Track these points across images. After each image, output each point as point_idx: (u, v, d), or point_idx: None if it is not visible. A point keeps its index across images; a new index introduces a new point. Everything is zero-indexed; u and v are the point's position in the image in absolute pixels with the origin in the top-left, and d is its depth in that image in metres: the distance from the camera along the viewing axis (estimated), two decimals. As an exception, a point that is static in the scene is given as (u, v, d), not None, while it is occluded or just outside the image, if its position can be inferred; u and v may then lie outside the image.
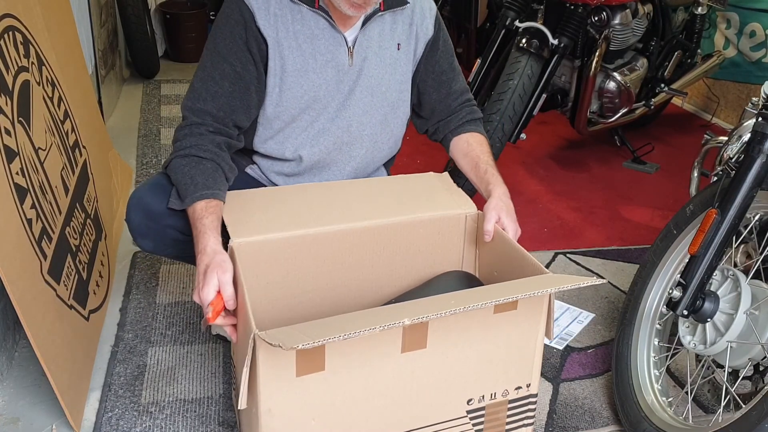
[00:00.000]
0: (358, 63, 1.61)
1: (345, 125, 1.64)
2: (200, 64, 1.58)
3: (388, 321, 1.11)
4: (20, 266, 1.46)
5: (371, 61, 1.62)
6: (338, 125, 1.63)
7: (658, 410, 1.60)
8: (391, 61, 1.65)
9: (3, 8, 1.67)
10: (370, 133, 1.68)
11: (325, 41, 1.57)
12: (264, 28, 1.52)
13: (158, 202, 1.52)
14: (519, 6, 2.76)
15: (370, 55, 1.62)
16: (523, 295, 1.24)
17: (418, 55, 1.69)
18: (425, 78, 1.72)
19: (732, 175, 1.49)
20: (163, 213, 1.51)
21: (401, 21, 1.65)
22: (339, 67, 1.59)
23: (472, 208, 1.61)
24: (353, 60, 1.60)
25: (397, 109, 1.70)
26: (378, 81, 1.64)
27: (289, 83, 1.57)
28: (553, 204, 2.86)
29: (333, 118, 1.62)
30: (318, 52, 1.57)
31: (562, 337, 2.03)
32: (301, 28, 1.55)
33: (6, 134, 1.51)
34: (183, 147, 1.52)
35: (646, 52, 3.12)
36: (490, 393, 1.42)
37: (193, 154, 1.50)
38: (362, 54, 1.61)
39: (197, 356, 1.86)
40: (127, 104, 3.73)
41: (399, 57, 1.66)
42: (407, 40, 1.67)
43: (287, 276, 1.49)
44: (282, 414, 1.23)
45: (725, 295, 1.52)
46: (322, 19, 1.56)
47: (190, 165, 1.49)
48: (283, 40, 1.54)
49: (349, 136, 1.65)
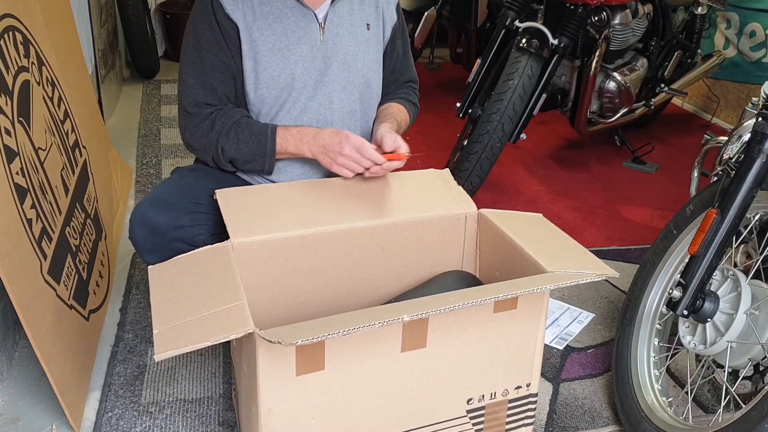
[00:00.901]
0: (330, 39, 1.63)
1: (326, 102, 1.65)
2: (186, 59, 1.61)
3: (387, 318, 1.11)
4: (20, 266, 1.46)
5: (344, 37, 1.65)
6: (319, 102, 1.65)
7: (658, 410, 1.60)
8: (362, 39, 1.68)
9: (3, 8, 1.67)
10: (350, 110, 1.70)
11: (294, 18, 1.60)
12: (232, 12, 1.56)
13: (162, 217, 1.52)
14: (519, 6, 2.76)
15: (341, 32, 1.65)
16: (523, 291, 1.24)
17: (386, 38, 1.74)
18: (386, 63, 1.78)
19: (732, 175, 1.49)
20: (169, 227, 1.52)
21: (368, 3, 1.70)
22: (312, 43, 1.62)
23: (472, 207, 1.60)
24: (325, 36, 1.62)
25: (371, 88, 1.73)
26: (353, 57, 1.67)
27: (264, 63, 1.59)
28: (553, 204, 2.86)
29: (312, 96, 1.64)
30: (289, 29, 1.59)
31: (562, 337, 2.03)
32: (269, 9, 1.58)
33: (6, 134, 1.52)
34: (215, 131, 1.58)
35: (646, 52, 3.13)
36: (490, 392, 1.42)
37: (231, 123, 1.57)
38: (333, 30, 1.64)
39: (197, 356, 1.86)
40: (127, 104, 3.73)
41: (369, 36, 1.70)
42: (375, 22, 1.71)
43: (287, 276, 1.49)
44: (282, 413, 1.23)
45: (725, 295, 1.52)
46: None
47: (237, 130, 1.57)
48: (252, 23, 1.57)
49: (331, 113, 1.67)
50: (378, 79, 1.75)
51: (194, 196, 1.57)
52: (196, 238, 1.52)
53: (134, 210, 1.56)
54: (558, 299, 2.21)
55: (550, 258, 1.38)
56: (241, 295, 1.20)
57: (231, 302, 1.19)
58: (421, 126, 1.74)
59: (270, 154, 1.58)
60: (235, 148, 1.58)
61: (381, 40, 1.73)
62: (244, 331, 1.11)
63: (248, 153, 1.59)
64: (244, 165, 1.63)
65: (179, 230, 1.52)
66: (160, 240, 1.52)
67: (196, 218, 1.55)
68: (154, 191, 1.61)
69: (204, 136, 1.60)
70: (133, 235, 1.55)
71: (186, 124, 1.62)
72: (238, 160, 1.61)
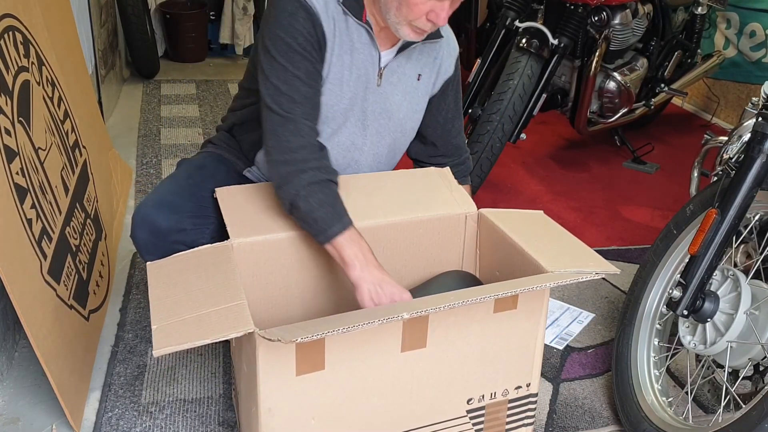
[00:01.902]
0: (385, 86, 1.60)
1: (359, 143, 1.63)
2: (272, 60, 1.46)
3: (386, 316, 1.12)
4: (20, 266, 1.46)
5: (396, 87, 1.62)
6: (352, 140, 1.62)
7: (658, 410, 1.60)
8: (410, 90, 1.65)
9: (3, 8, 1.67)
10: (376, 153, 1.67)
11: (362, 56, 1.55)
12: (327, 30, 1.49)
13: (164, 218, 1.51)
14: (519, 6, 2.76)
15: (395, 81, 1.62)
16: (523, 289, 1.24)
17: (435, 89, 1.70)
18: (434, 113, 1.73)
19: (732, 175, 1.49)
20: (170, 230, 1.51)
21: (428, 52, 1.65)
22: (367, 85, 1.58)
23: (472, 207, 1.61)
24: (382, 81, 1.59)
25: (405, 135, 1.71)
26: (397, 107, 1.64)
27: (326, 90, 1.54)
28: (553, 204, 2.86)
29: (348, 134, 1.61)
30: (354, 65, 1.55)
31: (562, 337, 2.03)
32: (347, 39, 1.53)
33: (6, 134, 1.52)
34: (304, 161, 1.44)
35: (646, 52, 3.13)
36: (490, 392, 1.42)
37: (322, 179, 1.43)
38: (389, 78, 1.60)
39: (197, 356, 1.86)
40: (127, 104, 3.73)
41: (418, 87, 1.66)
42: (429, 73, 1.67)
43: (288, 276, 1.49)
44: (282, 413, 1.23)
45: (725, 295, 1.52)
46: (365, 32, 1.54)
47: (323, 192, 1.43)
48: (334, 45, 1.51)
49: (360, 154, 1.64)
50: (415, 127, 1.72)
51: (200, 198, 1.56)
52: (199, 242, 1.51)
53: (137, 209, 1.55)
54: (558, 299, 2.21)
55: (550, 257, 1.38)
56: (241, 295, 1.20)
57: (231, 301, 1.19)
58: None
59: (325, 239, 1.41)
60: (308, 207, 1.42)
61: (429, 91, 1.69)
62: (244, 331, 1.11)
63: (311, 219, 1.42)
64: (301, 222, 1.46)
65: (181, 233, 1.51)
66: (161, 242, 1.52)
67: (199, 222, 1.54)
68: (159, 190, 1.59)
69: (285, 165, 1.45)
70: (134, 234, 1.54)
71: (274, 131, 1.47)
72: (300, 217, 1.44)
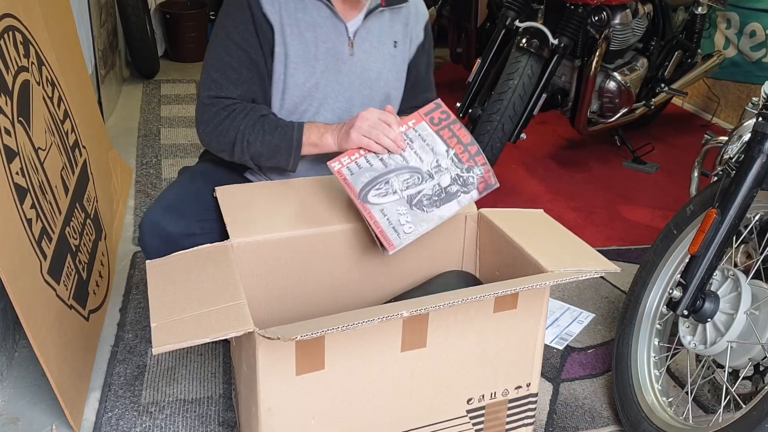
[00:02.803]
0: (358, 54, 1.63)
1: (346, 116, 1.64)
2: (212, 53, 1.59)
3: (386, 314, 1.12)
4: (20, 266, 1.46)
5: (371, 54, 1.65)
6: (338, 116, 1.64)
7: (658, 410, 1.60)
8: (388, 57, 1.68)
9: (3, 8, 1.67)
10: None
11: (326, 29, 1.59)
12: (270, 13, 1.55)
13: (173, 224, 1.51)
14: (519, 6, 2.76)
15: (369, 49, 1.64)
16: (522, 287, 1.24)
17: (410, 56, 1.73)
18: (407, 78, 1.76)
19: (732, 175, 1.49)
20: (181, 236, 1.50)
21: (398, 20, 1.68)
22: (339, 56, 1.61)
23: (472, 207, 1.60)
24: (354, 50, 1.62)
25: (390, 102, 1.71)
26: (377, 74, 1.66)
27: (292, 69, 1.58)
28: (553, 204, 2.86)
29: (333, 108, 1.64)
30: (320, 39, 1.59)
31: (562, 337, 2.03)
32: (303, 16, 1.57)
33: (6, 134, 1.52)
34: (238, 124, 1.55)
35: (646, 52, 3.12)
36: (490, 392, 1.42)
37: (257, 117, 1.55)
38: (362, 46, 1.63)
39: (197, 356, 1.86)
40: (127, 104, 3.73)
41: (396, 54, 1.69)
42: (403, 39, 1.70)
43: (287, 276, 1.49)
44: (282, 413, 1.23)
45: (725, 295, 1.52)
46: (324, 7, 1.58)
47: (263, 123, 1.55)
48: (287, 27, 1.56)
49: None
50: (399, 95, 1.74)
51: (205, 202, 1.57)
52: None
53: (145, 217, 1.55)
54: (558, 299, 2.21)
55: (550, 257, 1.38)
56: (241, 294, 1.20)
57: (231, 301, 1.19)
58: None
59: (296, 145, 1.55)
60: (261, 140, 1.55)
61: (406, 58, 1.73)
62: (244, 330, 1.11)
63: (274, 146, 1.56)
64: (269, 160, 1.59)
65: (191, 238, 1.50)
66: (171, 248, 1.51)
67: (207, 226, 1.54)
68: (165, 196, 1.60)
69: (222, 128, 1.56)
70: (143, 242, 1.54)
71: (202, 116, 1.59)
72: (263, 154, 1.58)
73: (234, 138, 1.56)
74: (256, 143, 1.56)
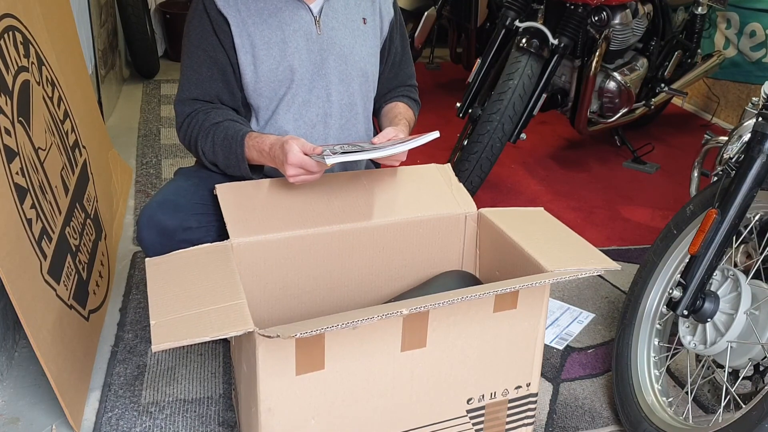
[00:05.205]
0: (326, 32, 1.64)
1: (324, 95, 1.66)
2: (182, 58, 1.65)
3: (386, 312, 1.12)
4: (20, 266, 1.46)
5: (340, 31, 1.66)
6: (317, 95, 1.66)
7: (658, 410, 1.60)
8: (359, 33, 1.69)
9: (3, 8, 1.67)
10: (349, 103, 1.70)
11: (289, 12, 1.61)
12: (224, 8, 1.58)
13: (169, 217, 1.52)
14: (519, 6, 2.76)
15: (337, 26, 1.66)
16: (522, 285, 1.24)
17: (384, 33, 1.75)
18: (386, 58, 1.79)
19: (732, 175, 1.49)
20: (177, 229, 1.52)
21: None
22: (308, 36, 1.63)
23: (472, 207, 1.60)
24: (321, 29, 1.64)
25: (368, 81, 1.74)
26: (350, 50, 1.68)
27: (262, 57, 1.60)
28: (553, 204, 2.86)
29: (311, 89, 1.65)
30: (284, 22, 1.61)
31: (562, 337, 2.03)
32: (264, 5, 1.60)
33: (6, 134, 1.52)
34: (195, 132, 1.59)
35: (646, 52, 3.13)
36: (490, 392, 1.42)
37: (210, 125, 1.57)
38: (329, 24, 1.65)
39: (197, 356, 1.86)
40: (127, 104, 3.73)
41: (366, 30, 1.71)
42: (372, 16, 1.72)
43: (287, 276, 1.49)
44: (282, 413, 1.23)
45: (725, 295, 1.52)
46: None
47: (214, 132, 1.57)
48: (246, 18, 1.59)
49: (330, 105, 1.67)
50: (375, 72, 1.76)
51: (201, 197, 1.57)
52: (204, 240, 1.51)
53: (142, 212, 1.56)
54: (558, 299, 2.21)
55: (550, 256, 1.38)
56: (241, 294, 1.20)
57: (231, 300, 1.19)
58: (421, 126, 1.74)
59: (242, 159, 1.56)
60: (212, 151, 1.59)
61: (378, 35, 1.74)
62: (244, 329, 1.11)
63: (223, 157, 1.58)
64: (226, 169, 1.61)
65: (187, 231, 1.52)
66: (168, 242, 1.52)
67: (203, 219, 1.55)
68: (161, 193, 1.61)
69: (186, 135, 1.62)
70: (141, 237, 1.55)
71: (175, 121, 1.66)
72: (219, 162, 1.60)
73: (195, 146, 1.61)
74: (210, 153, 1.60)
